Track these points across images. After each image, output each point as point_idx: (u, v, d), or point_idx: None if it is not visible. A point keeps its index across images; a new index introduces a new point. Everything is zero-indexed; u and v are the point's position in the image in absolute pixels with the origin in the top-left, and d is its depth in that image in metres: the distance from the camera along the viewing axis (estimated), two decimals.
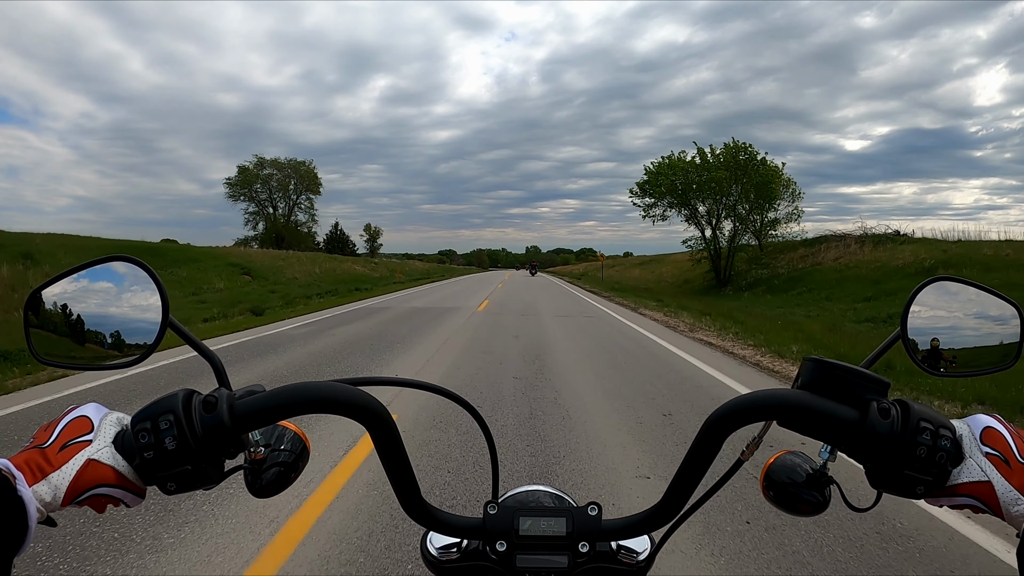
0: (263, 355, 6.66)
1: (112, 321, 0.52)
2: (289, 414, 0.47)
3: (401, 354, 6.69)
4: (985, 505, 0.45)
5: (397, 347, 7.17)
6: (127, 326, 0.52)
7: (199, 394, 0.47)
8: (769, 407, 0.47)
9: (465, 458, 3.19)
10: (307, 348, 7.16)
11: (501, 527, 0.53)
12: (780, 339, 7.74)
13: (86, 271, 0.52)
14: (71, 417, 0.46)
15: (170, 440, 0.44)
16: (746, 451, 0.55)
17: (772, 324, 9.55)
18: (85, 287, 0.52)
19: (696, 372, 5.83)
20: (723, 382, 5.34)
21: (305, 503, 2.60)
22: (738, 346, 7.59)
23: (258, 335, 8.41)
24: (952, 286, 0.56)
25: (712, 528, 2.39)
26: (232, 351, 6.95)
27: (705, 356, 6.83)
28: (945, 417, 0.47)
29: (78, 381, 5.21)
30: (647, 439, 3.59)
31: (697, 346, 7.70)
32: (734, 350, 7.29)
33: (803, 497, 0.54)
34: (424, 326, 9.38)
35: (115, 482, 0.44)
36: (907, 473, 0.45)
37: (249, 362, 6.23)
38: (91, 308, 0.52)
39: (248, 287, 18.65)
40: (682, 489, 0.52)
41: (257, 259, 25.41)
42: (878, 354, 0.54)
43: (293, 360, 6.33)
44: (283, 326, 9.58)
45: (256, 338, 8.10)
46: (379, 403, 0.49)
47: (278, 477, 0.53)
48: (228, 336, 8.40)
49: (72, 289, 0.52)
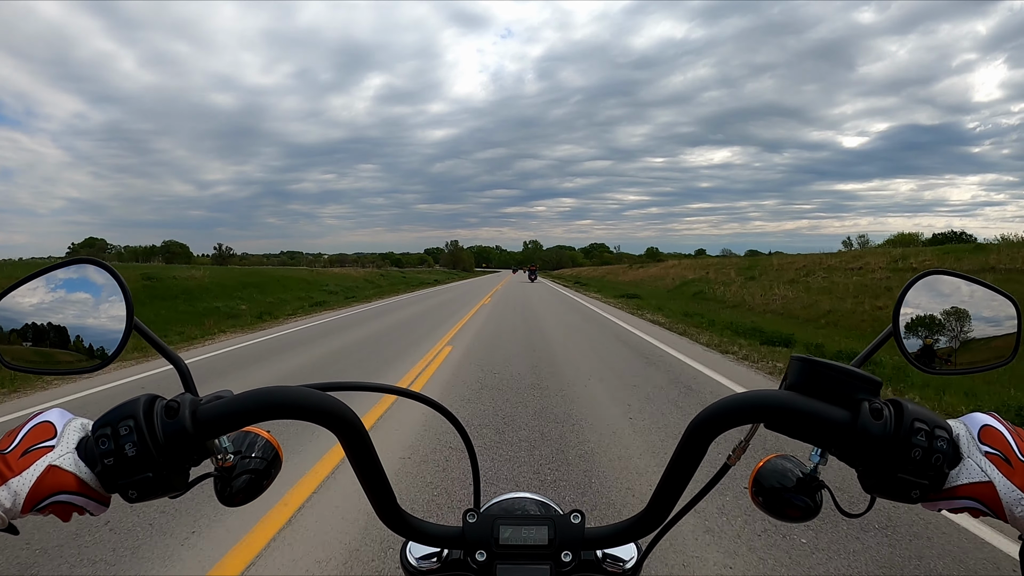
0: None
1: (77, 325, 0.51)
2: (254, 420, 0.45)
3: None
4: (986, 507, 0.43)
5: None
6: (93, 330, 0.51)
7: (162, 399, 0.46)
8: (754, 409, 0.45)
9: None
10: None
11: (481, 536, 0.51)
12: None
13: (49, 275, 0.51)
14: (34, 423, 0.45)
15: (130, 446, 0.43)
16: (733, 455, 0.53)
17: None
18: (49, 292, 0.51)
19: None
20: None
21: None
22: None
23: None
24: (946, 280, 0.54)
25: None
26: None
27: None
28: (941, 417, 0.45)
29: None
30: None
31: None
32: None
33: (793, 503, 0.52)
34: None
35: (76, 489, 0.43)
36: (901, 476, 0.43)
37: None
38: (56, 313, 0.51)
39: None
40: (668, 495, 0.50)
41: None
42: (869, 352, 0.52)
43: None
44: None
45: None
46: (349, 409, 0.47)
47: (248, 485, 0.52)
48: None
49: (36, 294, 0.51)
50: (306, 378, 5.82)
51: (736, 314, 13.40)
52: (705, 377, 5.86)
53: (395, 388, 0.59)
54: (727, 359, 7.08)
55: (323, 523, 2.55)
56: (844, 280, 14.53)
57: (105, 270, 0.51)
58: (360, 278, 30.82)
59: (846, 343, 8.05)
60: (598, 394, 5.03)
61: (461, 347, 7.82)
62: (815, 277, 16.22)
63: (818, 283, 15.26)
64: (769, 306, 14.45)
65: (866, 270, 15.04)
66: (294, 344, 8.72)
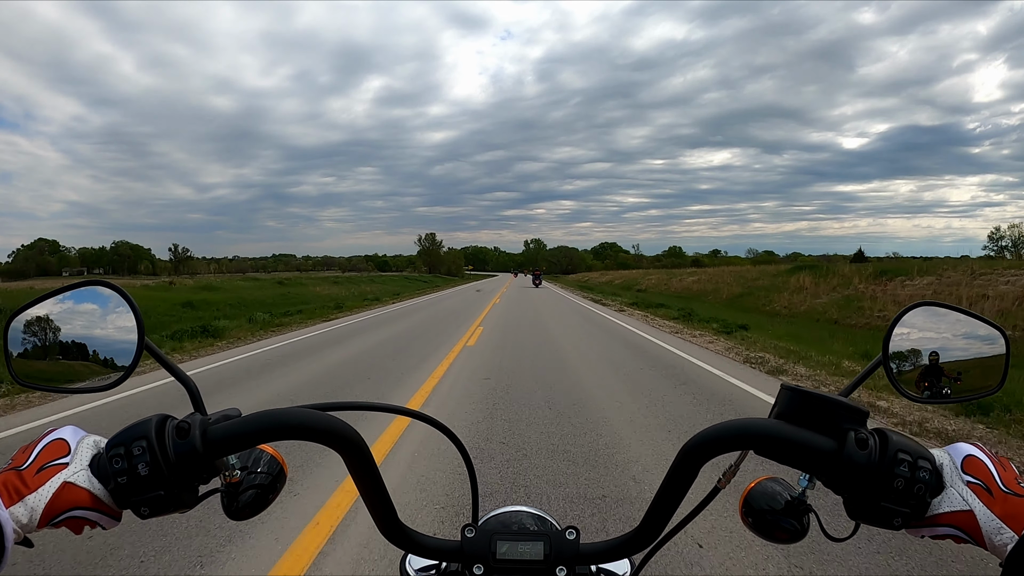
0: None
1: (90, 345, 0.53)
2: (261, 440, 0.47)
3: None
4: (967, 535, 0.44)
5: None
6: (105, 349, 0.53)
7: (173, 419, 0.48)
8: (744, 436, 0.47)
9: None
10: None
11: (478, 551, 0.53)
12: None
13: (64, 295, 0.53)
14: (48, 440, 0.47)
15: (143, 466, 0.44)
16: (723, 479, 0.54)
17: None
18: (63, 311, 0.53)
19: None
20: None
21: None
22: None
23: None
24: (935, 311, 0.55)
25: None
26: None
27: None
28: (924, 447, 0.46)
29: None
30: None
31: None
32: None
33: (781, 525, 0.53)
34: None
35: (91, 505, 0.45)
36: (884, 505, 0.45)
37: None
38: (69, 332, 0.53)
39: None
40: (660, 514, 0.51)
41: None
42: (858, 381, 0.54)
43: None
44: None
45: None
46: (351, 428, 0.49)
47: (255, 499, 0.53)
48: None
49: (51, 313, 0.53)
50: None
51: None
52: None
53: (394, 407, 0.60)
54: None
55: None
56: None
57: (115, 291, 0.53)
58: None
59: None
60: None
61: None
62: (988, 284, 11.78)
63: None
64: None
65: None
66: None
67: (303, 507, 2.76)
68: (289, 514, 2.68)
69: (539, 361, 7.19)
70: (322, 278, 39.12)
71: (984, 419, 4.59)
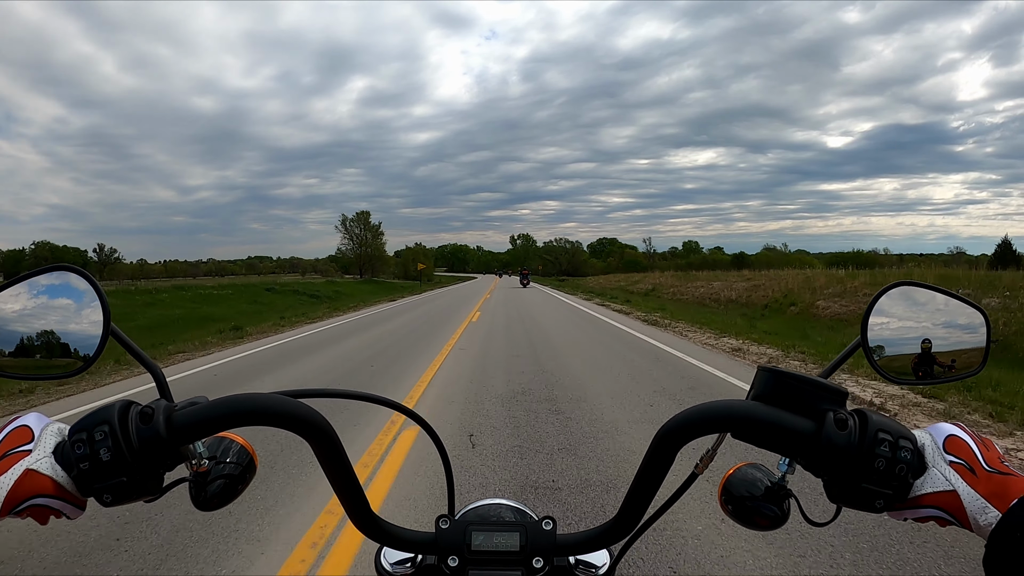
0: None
1: (54, 331, 0.52)
2: (227, 426, 0.46)
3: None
4: (951, 516, 0.43)
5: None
6: (70, 336, 0.51)
7: (137, 405, 0.47)
8: (720, 419, 0.46)
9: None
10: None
11: (453, 542, 0.52)
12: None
13: (26, 282, 0.52)
14: (12, 427, 0.46)
15: (105, 451, 0.43)
16: (700, 464, 0.53)
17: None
18: (27, 298, 0.52)
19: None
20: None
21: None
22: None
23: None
24: (915, 291, 0.54)
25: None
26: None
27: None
28: (906, 427, 0.46)
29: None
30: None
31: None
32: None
33: (761, 511, 0.52)
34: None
35: (53, 493, 0.44)
36: (865, 486, 0.44)
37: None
38: (33, 319, 0.52)
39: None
40: (637, 503, 0.50)
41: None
42: (837, 363, 0.53)
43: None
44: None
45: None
46: (320, 416, 0.48)
47: (223, 490, 0.52)
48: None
49: (13, 300, 0.52)
50: None
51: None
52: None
53: (367, 395, 0.59)
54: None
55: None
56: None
57: (81, 276, 0.52)
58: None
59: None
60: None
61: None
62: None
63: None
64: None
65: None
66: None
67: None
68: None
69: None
70: (244, 284, 31.32)
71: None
